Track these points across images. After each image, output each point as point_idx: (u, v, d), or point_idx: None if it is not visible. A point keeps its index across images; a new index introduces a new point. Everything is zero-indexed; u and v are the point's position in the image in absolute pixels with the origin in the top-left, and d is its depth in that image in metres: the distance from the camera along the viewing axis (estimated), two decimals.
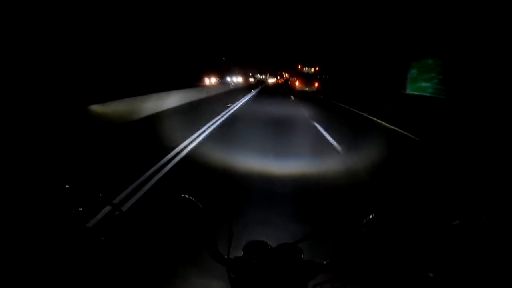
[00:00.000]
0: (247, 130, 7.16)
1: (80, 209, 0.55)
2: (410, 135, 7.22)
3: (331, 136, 6.40)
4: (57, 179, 0.58)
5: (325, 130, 7.19)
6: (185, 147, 5.05)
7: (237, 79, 39.96)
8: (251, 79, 58.74)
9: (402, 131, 7.73)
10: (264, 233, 2.33)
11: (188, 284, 1.82)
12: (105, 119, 6.18)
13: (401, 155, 5.58)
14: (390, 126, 8.64)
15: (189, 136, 5.81)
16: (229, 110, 10.37)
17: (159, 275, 1.85)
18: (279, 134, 6.67)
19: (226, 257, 0.64)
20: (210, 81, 28.79)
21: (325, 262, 0.61)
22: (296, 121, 8.91)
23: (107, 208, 2.30)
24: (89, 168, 3.81)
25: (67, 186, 0.56)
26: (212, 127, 6.99)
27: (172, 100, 10.33)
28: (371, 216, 0.58)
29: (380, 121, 9.51)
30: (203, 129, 6.66)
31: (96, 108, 6.00)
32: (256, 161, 4.34)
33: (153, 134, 6.07)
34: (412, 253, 0.53)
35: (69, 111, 5.47)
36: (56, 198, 0.55)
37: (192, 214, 0.62)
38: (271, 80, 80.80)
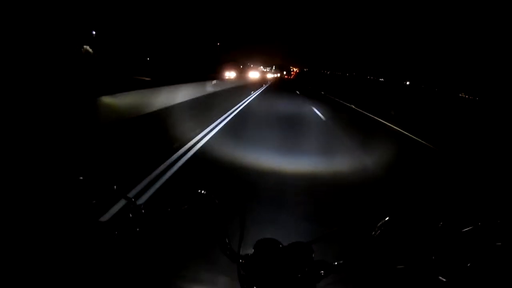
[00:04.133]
0: None
1: (94, 201, 0.55)
2: None
3: None
4: (71, 171, 0.57)
5: None
6: None
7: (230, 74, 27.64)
8: (253, 73, 41.38)
9: None
10: None
11: (199, 279, 1.83)
12: (116, 111, 6.22)
13: None
14: None
15: None
16: None
17: (170, 269, 1.88)
18: None
19: (237, 253, 0.64)
20: None
21: (336, 263, 0.61)
22: None
23: (122, 201, 2.32)
24: (101, 161, 3.87)
25: (81, 178, 0.56)
26: None
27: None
28: (386, 219, 0.58)
29: None
30: None
31: (106, 100, 6.05)
32: None
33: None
34: (424, 257, 0.52)
35: (79, 103, 5.52)
36: (70, 191, 0.55)
37: (207, 209, 0.62)
38: (273, 75, 62.84)
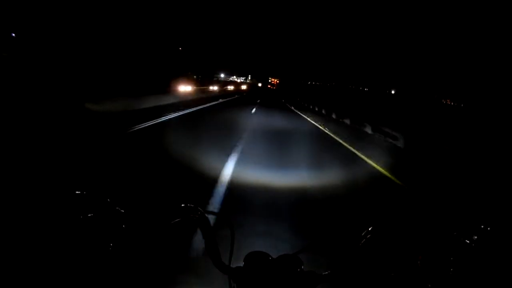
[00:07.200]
0: None
1: (89, 214, 0.54)
2: None
3: None
4: (66, 184, 0.56)
5: None
6: None
7: None
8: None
9: None
10: None
11: None
12: None
13: None
14: None
15: None
16: None
17: (161, 282, 1.85)
18: None
19: (228, 266, 0.65)
20: None
21: (325, 273, 0.63)
22: None
23: (115, 214, 2.27)
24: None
25: (77, 192, 0.56)
26: None
27: None
28: (370, 229, 0.60)
29: None
30: None
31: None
32: None
33: None
34: (410, 265, 0.54)
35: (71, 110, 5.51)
36: (65, 204, 0.54)
37: (197, 222, 0.63)
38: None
